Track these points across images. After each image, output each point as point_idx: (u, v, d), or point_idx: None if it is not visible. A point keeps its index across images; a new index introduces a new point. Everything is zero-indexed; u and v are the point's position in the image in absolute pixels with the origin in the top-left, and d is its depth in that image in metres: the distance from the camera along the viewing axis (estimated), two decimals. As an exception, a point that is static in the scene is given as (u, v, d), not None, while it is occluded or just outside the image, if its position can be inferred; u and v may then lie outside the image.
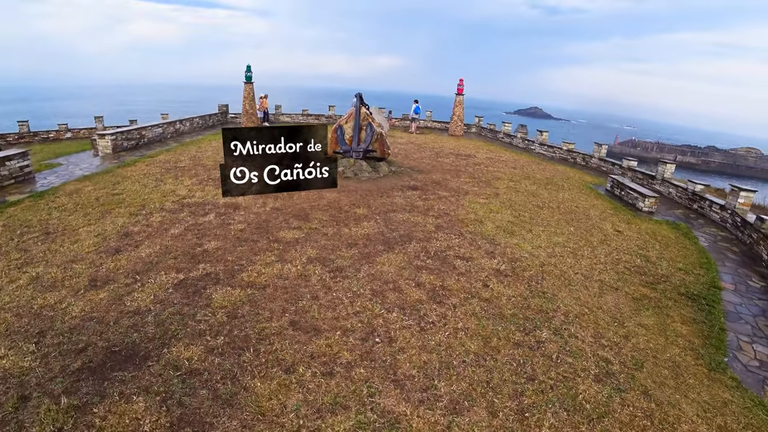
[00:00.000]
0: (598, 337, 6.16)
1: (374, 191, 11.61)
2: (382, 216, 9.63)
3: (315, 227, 8.66)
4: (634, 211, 12.88)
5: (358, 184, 12.33)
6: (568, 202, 12.73)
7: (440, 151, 19.52)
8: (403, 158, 16.81)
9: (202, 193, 10.69)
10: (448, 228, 9.37)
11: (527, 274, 7.72)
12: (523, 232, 9.73)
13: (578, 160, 20.77)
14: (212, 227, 8.44)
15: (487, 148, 22.21)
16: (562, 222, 10.83)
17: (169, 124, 19.64)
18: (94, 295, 5.87)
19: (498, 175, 15.27)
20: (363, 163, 13.60)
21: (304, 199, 10.46)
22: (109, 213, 9.11)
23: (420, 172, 14.47)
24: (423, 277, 7.03)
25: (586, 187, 15.46)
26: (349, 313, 5.77)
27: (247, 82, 23.84)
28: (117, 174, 12.50)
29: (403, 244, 8.25)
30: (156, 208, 9.45)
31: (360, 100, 14.57)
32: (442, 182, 13.33)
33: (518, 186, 14.07)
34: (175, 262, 6.90)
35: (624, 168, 18.43)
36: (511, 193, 12.99)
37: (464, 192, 12.42)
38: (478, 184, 13.58)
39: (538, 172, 16.84)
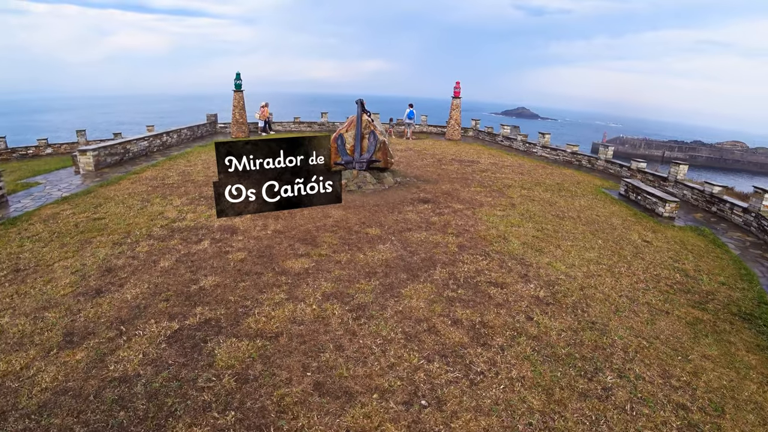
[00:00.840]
0: (666, 377, 5.30)
1: (383, 206, 10.64)
2: (397, 236, 8.66)
3: (325, 253, 7.65)
4: (654, 216, 12.17)
5: (364, 198, 11.35)
6: (587, 211, 11.92)
7: (442, 157, 18.64)
8: (406, 167, 15.87)
9: (193, 215, 9.61)
10: (472, 247, 8.44)
11: (570, 300, 6.84)
12: (551, 248, 8.86)
13: (584, 163, 20.05)
14: (208, 257, 7.38)
15: (488, 152, 21.40)
16: (588, 234, 10.00)
17: (156, 136, 18.47)
18: (69, 356, 4.80)
19: (508, 183, 14.41)
20: (367, 175, 12.63)
21: (308, 219, 9.44)
22: (89, 243, 8.00)
23: (427, 182, 13.54)
24: (458, 312, 6.07)
25: (599, 191, 14.70)
26: (383, 367, 4.78)
27: (237, 90, 22.75)
28: (99, 194, 11.35)
29: (427, 270, 7.28)
30: (142, 235, 8.35)
31: (362, 106, 13.62)
32: (453, 193, 12.41)
33: (532, 194, 13.24)
34: (167, 305, 5.84)
35: (633, 170, 17.73)
36: (526, 202, 12.14)
37: (479, 203, 11.51)
38: (491, 194, 12.70)
39: (546, 177, 16.05)
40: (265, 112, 24.94)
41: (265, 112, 25.00)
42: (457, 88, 25.66)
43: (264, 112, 24.89)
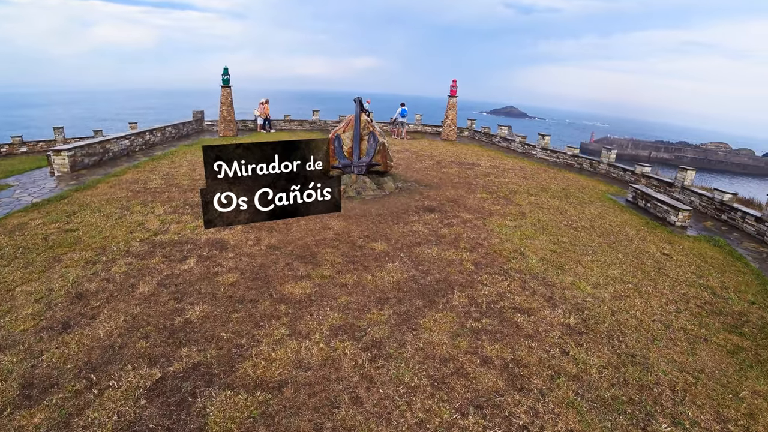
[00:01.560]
0: (722, 421, 4.66)
1: (386, 216, 9.82)
2: (406, 252, 7.85)
3: (328, 274, 6.79)
4: (666, 225, 11.64)
5: (364, 206, 10.51)
6: (598, 220, 11.29)
7: (441, 159, 17.87)
8: (406, 170, 15.07)
9: (177, 226, 8.66)
10: (489, 265, 7.68)
11: (603, 328, 6.14)
12: (572, 264, 8.16)
13: (585, 166, 19.49)
14: (194, 280, 6.47)
15: (486, 154, 20.72)
16: (606, 247, 9.34)
17: (138, 134, 17.33)
18: (26, 418, 3.89)
19: (513, 188, 13.71)
20: (366, 180, 11.78)
21: (305, 231, 8.57)
22: (59, 260, 7.02)
23: (429, 188, 12.75)
24: (486, 347, 5.30)
25: (606, 198, 14.11)
26: (411, 425, 3.98)
27: (225, 86, 21.66)
28: (74, 200, 10.31)
29: (444, 294, 6.49)
30: (120, 252, 7.39)
31: (360, 105, 12.76)
32: (459, 200, 11.64)
33: (539, 200, 12.56)
34: (147, 344, 4.93)
35: (637, 174, 17.20)
36: (536, 210, 11.44)
37: (487, 212, 10.77)
38: (498, 201, 11.97)
39: (551, 182, 15.40)
40: (265, 109, 24.14)
41: (266, 110, 24.19)
42: (454, 87, 24.92)
43: (264, 109, 24.10)
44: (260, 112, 24.24)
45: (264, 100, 24.63)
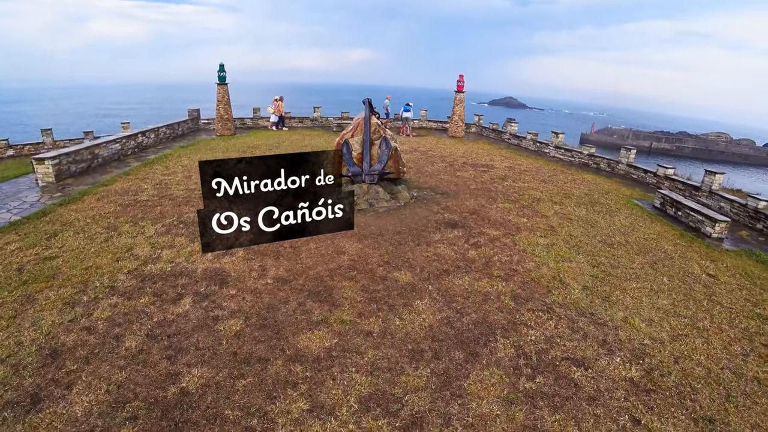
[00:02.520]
0: None
1: (406, 234, 8.82)
2: (435, 284, 6.87)
3: (348, 318, 5.81)
4: (701, 237, 10.80)
5: (379, 221, 9.51)
6: (632, 233, 10.37)
7: (453, 161, 16.84)
8: (417, 174, 14.05)
9: (170, 252, 7.63)
10: (529, 298, 6.73)
11: (670, 382, 5.23)
12: (617, 294, 7.24)
13: (602, 166, 18.50)
14: (190, 328, 5.47)
15: (498, 153, 19.69)
16: (648, 269, 8.41)
17: (130, 137, 16.21)
18: None
19: (535, 195, 12.72)
20: (379, 190, 10.77)
21: (316, 257, 7.57)
22: (33, 301, 6.02)
23: (446, 196, 11.75)
24: (546, 419, 4.37)
25: (632, 204, 13.15)
26: None
27: (221, 83, 20.49)
28: (56, 217, 9.27)
29: (486, 342, 5.54)
30: (103, 289, 6.38)
31: (369, 107, 11.71)
32: (481, 211, 10.65)
33: (565, 210, 11.59)
34: (135, 430, 3.95)
35: (660, 176, 16.22)
36: (565, 223, 10.48)
37: (514, 227, 9.79)
38: (523, 212, 10.99)
39: (572, 186, 14.43)
40: (279, 106, 23.25)
41: (280, 107, 23.32)
42: (461, 82, 23.80)
43: (279, 106, 23.20)
44: (274, 110, 23.39)
45: (278, 98, 23.67)
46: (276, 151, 17.00)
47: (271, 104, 23.65)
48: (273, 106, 23.46)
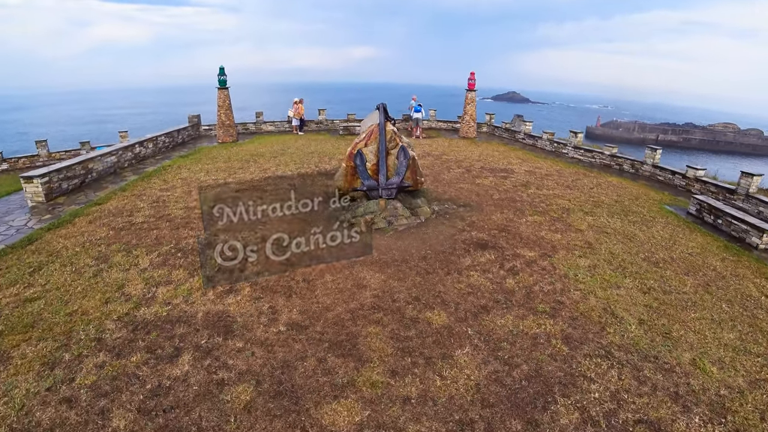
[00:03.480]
0: None
1: (432, 259, 7.86)
2: (474, 326, 5.91)
3: (380, 379, 4.85)
4: (746, 248, 9.80)
5: (400, 242, 8.56)
6: (674, 247, 9.44)
7: (469, 165, 15.84)
8: (434, 182, 13.08)
9: (167, 289, 6.69)
10: (583, 341, 5.76)
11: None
12: (678, 328, 6.31)
13: (625, 167, 17.44)
14: (191, 399, 4.53)
15: (515, 155, 18.66)
16: (703, 293, 7.46)
17: (126, 148, 15.31)
18: None
19: (563, 204, 11.73)
20: (398, 206, 9.79)
21: (334, 293, 6.61)
22: (8, 359, 5.12)
23: (470, 209, 10.77)
24: None
25: (665, 211, 12.14)
26: None
27: (221, 87, 19.55)
28: (43, 245, 8.38)
29: (544, 404, 4.59)
30: (89, 342, 5.46)
31: (384, 113, 10.74)
32: (510, 227, 9.67)
33: (598, 221, 10.60)
34: None
35: (689, 179, 15.15)
36: (601, 237, 9.51)
37: (549, 245, 8.82)
38: (554, 225, 10.01)
39: (599, 192, 13.42)
40: (300, 109, 22.54)
41: (301, 109, 22.59)
42: (472, 80, 22.78)
43: (299, 109, 22.49)
44: (294, 113, 22.67)
45: (298, 100, 22.93)
46: (281, 159, 16.06)
47: (291, 107, 22.87)
48: (293, 109, 22.72)
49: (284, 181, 12.76)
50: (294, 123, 22.82)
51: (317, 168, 14.69)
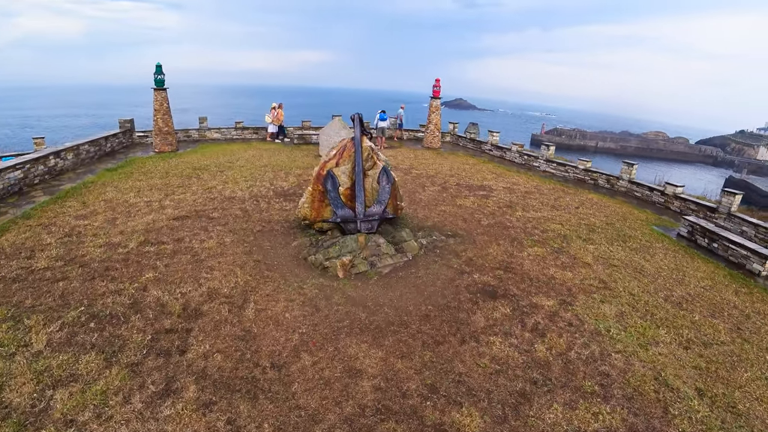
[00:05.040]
0: None
1: (436, 318, 6.19)
2: (519, 427, 4.30)
3: None
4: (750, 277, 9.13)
5: (391, 293, 6.83)
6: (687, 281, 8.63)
7: (443, 182, 14.42)
8: (411, 204, 11.48)
9: (69, 394, 4.43)
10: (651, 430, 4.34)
11: None
12: (739, 397, 5.37)
13: (600, 182, 16.77)
14: None
15: (486, 168, 17.53)
16: (738, 340, 6.72)
17: (37, 160, 12.47)
18: None
19: (557, 229, 10.57)
20: (381, 241, 8.05)
21: (317, 387, 4.74)
22: None
23: (461, 240, 9.25)
24: None
25: (656, 234, 11.41)
26: None
27: (159, 87, 16.91)
28: None
29: None
30: None
31: (360, 125, 9.03)
32: (513, 264, 8.24)
33: (600, 250, 9.51)
34: None
35: (669, 196, 14.61)
36: (612, 272, 8.40)
37: (564, 288, 7.48)
38: (558, 258, 8.74)
39: (586, 213, 12.46)
40: (279, 114, 20.51)
41: (280, 115, 20.56)
42: (437, 87, 21.55)
43: (278, 114, 20.48)
44: (272, 118, 20.63)
45: (276, 105, 20.82)
46: (229, 174, 13.85)
47: (269, 113, 20.81)
48: (271, 114, 20.66)
49: (234, 204, 10.68)
50: (271, 130, 20.85)
51: (272, 186, 12.64)
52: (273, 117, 20.67)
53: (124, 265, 7.10)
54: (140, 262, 7.23)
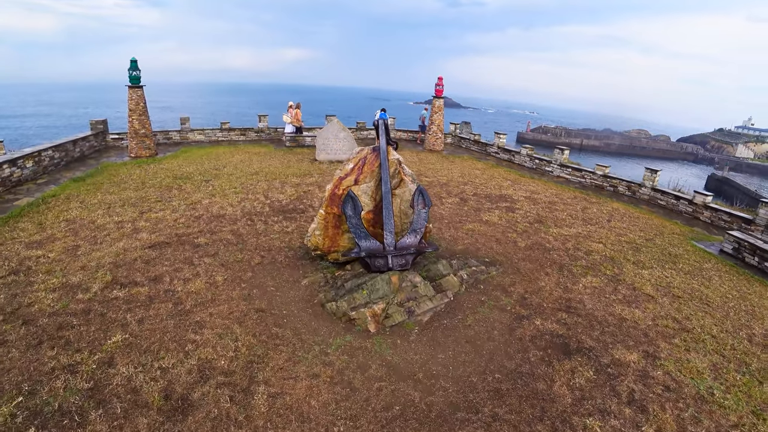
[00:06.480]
0: None
1: (512, 396, 4.66)
2: None
3: None
4: None
5: (443, 356, 5.28)
6: (759, 313, 7.49)
7: (460, 191, 12.93)
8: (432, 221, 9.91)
9: None
10: None
11: None
12: None
13: (620, 189, 15.53)
14: None
15: (498, 174, 16.13)
16: None
17: (-17, 170, 10.52)
18: None
19: (599, 250, 9.23)
20: (417, 280, 6.44)
21: None
22: None
23: (502, 269, 7.75)
24: None
25: (700, 251, 10.14)
26: None
27: (134, 85, 14.97)
28: None
29: None
30: None
31: (386, 132, 7.45)
32: (574, 303, 6.78)
33: (655, 277, 8.23)
34: None
35: (697, 205, 13.43)
36: (681, 307, 7.13)
37: (641, 333, 6.09)
38: (617, 290, 7.39)
39: (619, 226, 11.21)
40: (297, 114, 18.99)
41: (298, 115, 19.02)
42: (440, 86, 20.03)
43: (296, 114, 18.95)
44: (291, 119, 18.99)
45: (294, 104, 19.26)
46: (216, 184, 12.09)
47: (286, 112, 19.12)
48: (289, 114, 18.99)
49: (223, 225, 8.95)
50: (288, 130, 19.11)
51: (268, 200, 10.94)
52: (291, 117, 19.10)
53: (84, 322, 5.36)
54: (105, 316, 5.49)
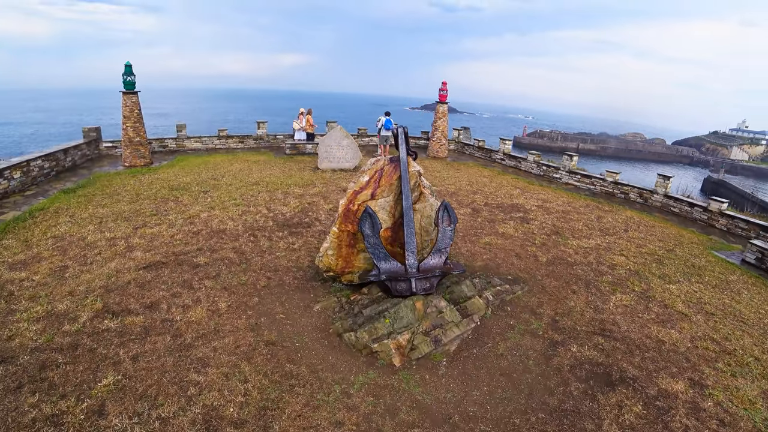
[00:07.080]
0: None
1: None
2: None
3: None
4: None
5: (477, 392, 4.75)
6: None
7: (470, 201, 12.43)
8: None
9: None
10: None
11: None
12: None
13: (632, 196, 15.08)
14: None
15: (506, 181, 15.65)
16: None
17: (-33, 182, 9.88)
18: None
19: (623, 263, 8.78)
20: (443, 305, 5.90)
21: None
22: None
23: (527, 288, 7.23)
24: None
25: (722, 262, 9.71)
26: None
27: (128, 91, 14.38)
28: None
29: None
30: None
31: (406, 141, 6.93)
32: (608, 325, 6.26)
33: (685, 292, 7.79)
34: None
35: (712, 212, 12.99)
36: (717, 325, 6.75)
37: (682, 358, 5.64)
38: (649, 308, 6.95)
39: (639, 237, 10.76)
40: (309, 120, 18.54)
41: (309, 121, 18.55)
42: (444, 91, 19.55)
43: (308, 120, 18.51)
44: (305, 125, 18.57)
45: (305, 110, 18.75)
46: (215, 196, 11.52)
47: (297, 119, 18.66)
48: (299, 120, 18.52)
49: (225, 242, 8.36)
50: (298, 137, 18.65)
51: (270, 213, 10.37)
52: (304, 125, 18.63)
53: (71, 359, 4.76)
54: (95, 352, 4.89)
